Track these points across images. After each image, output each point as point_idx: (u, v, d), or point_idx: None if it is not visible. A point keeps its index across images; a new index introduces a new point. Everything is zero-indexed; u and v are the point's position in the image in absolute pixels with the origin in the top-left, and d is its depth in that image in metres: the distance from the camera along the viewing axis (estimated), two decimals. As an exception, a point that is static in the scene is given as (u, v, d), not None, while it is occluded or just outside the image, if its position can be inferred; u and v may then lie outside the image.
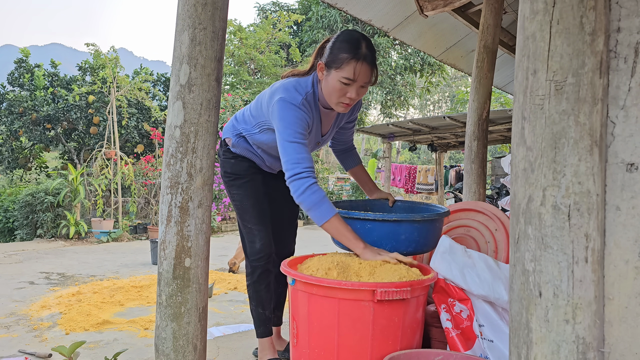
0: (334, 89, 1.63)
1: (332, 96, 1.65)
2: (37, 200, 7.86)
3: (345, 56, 1.58)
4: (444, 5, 3.14)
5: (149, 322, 3.35)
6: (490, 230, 1.88)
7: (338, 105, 1.68)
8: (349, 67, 1.58)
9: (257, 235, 1.95)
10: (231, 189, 2.01)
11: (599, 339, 0.88)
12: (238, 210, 2.01)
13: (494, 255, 1.81)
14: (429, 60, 14.58)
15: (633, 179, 0.88)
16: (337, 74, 1.60)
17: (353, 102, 1.67)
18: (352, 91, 1.62)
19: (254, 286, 1.99)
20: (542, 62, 0.90)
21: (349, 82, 1.60)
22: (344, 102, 1.66)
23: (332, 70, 1.61)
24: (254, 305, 2.00)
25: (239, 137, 1.96)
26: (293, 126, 1.61)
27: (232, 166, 2.00)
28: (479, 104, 3.12)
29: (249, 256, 1.99)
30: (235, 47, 13.67)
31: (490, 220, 1.90)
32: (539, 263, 0.89)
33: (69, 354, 1.74)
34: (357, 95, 1.64)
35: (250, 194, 1.97)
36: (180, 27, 1.37)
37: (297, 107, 1.64)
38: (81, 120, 11.51)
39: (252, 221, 1.96)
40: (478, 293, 1.47)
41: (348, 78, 1.59)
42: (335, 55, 1.61)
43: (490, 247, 1.86)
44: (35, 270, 5.34)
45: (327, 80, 1.65)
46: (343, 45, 1.61)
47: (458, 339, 1.50)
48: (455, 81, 29.37)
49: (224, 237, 8.86)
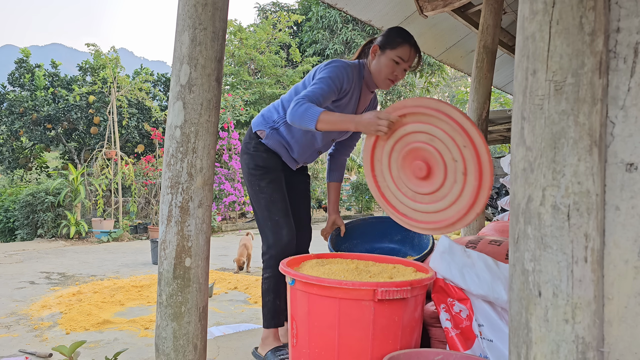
0: (386, 66, 1.89)
1: (382, 73, 1.90)
2: (38, 200, 7.87)
3: (400, 40, 1.88)
4: (444, 5, 3.14)
5: (149, 321, 3.35)
6: (458, 146, 1.49)
7: (384, 82, 1.92)
8: (404, 48, 1.87)
9: (285, 227, 1.98)
10: (260, 182, 2.03)
11: (599, 338, 0.88)
12: (265, 203, 2.02)
13: (463, 179, 1.49)
14: (429, 60, 14.56)
15: (632, 179, 0.88)
16: (391, 52, 1.87)
17: (397, 81, 1.93)
18: (399, 70, 1.90)
19: (276, 279, 1.97)
20: (542, 62, 0.90)
21: (400, 61, 1.87)
22: (390, 79, 1.92)
23: (387, 50, 1.88)
24: (272, 297, 1.99)
25: (272, 129, 2.04)
26: (332, 77, 1.82)
27: (265, 160, 2.04)
28: (478, 104, 3.12)
29: (274, 248, 1.97)
30: (236, 48, 13.67)
31: (457, 133, 1.49)
32: (539, 263, 0.89)
33: (69, 353, 1.74)
34: (401, 75, 1.91)
35: (280, 187, 2.05)
36: (181, 27, 1.38)
37: (345, 68, 1.87)
38: (82, 120, 11.51)
39: (279, 213, 2.00)
40: (477, 293, 1.48)
41: (401, 57, 1.87)
42: (392, 38, 1.88)
43: (458, 167, 1.50)
44: (36, 270, 5.34)
45: (380, 60, 1.90)
46: (398, 32, 1.91)
47: (457, 339, 1.50)
48: (455, 81, 29.36)
49: (224, 237, 8.86)
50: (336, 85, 1.84)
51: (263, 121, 2.07)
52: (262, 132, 2.04)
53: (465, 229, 3.17)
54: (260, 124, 2.06)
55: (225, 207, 9.75)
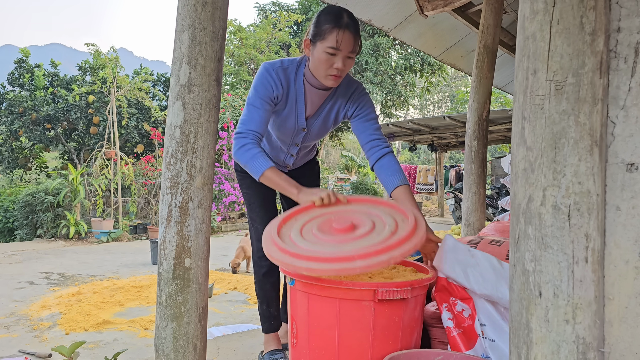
0: (320, 61, 1.63)
1: (320, 69, 1.65)
2: (37, 200, 7.86)
3: (327, 27, 1.59)
4: (444, 5, 3.14)
5: (148, 322, 3.35)
6: (395, 220, 1.47)
7: (327, 79, 1.66)
8: (332, 36, 1.58)
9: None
10: (242, 187, 2.03)
11: (599, 339, 0.88)
12: (247, 208, 2.04)
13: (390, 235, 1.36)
14: (429, 60, 14.58)
15: (633, 179, 0.88)
16: (321, 45, 1.61)
17: (341, 73, 1.65)
18: (339, 61, 1.61)
19: (260, 284, 2.01)
20: (542, 62, 0.90)
21: (334, 51, 1.59)
22: (332, 74, 1.64)
23: (317, 43, 1.62)
24: (260, 302, 2.04)
25: None
26: (257, 88, 1.69)
27: None
28: (479, 104, 3.12)
29: (255, 254, 2.01)
30: (235, 47, 13.66)
31: (399, 214, 1.51)
32: (539, 263, 0.89)
33: (69, 354, 1.74)
34: (343, 65, 1.62)
35: (258, 193, 1.98)
36: (180, 27, 1.37)
37: (269, 72, 1.70)
38: (81, 120, 11.51)
39: (257, 220, 1.98)
40: (481, 292, 1.47)
41: (332, 47, 1.59)
42: (319, 28, 1.62)
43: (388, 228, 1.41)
44: (35, 270, 5.34)
45: (314, 55, 1.65)
46: (325, 17, 1.62)
47: (459, 338, 1.50)
48: (455, 81, 29.37)
49: (224, 237, 8.85)
50: (267, 96, 1.68)
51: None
52: None
53: (465, 229, 3.16)
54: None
55: (225, 207, 9.75)
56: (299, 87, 1.76)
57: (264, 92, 1.68)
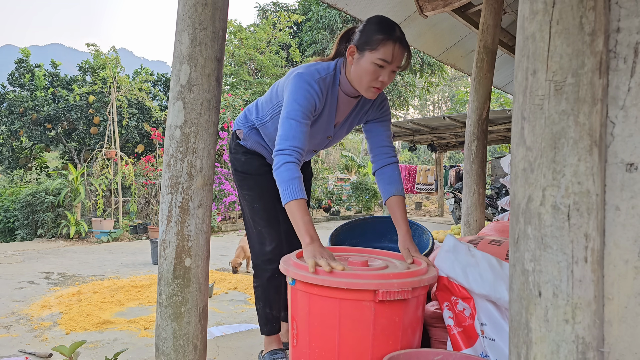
0: (366, 72, 1.55)
1: (363, 80, 1.57)
2: (38, 200, 7.87)
3: (380, 37, 1.52)
4: (444, 5, 3.14)
5: (149, 321, 3.35)
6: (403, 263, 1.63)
7: (368, 90, 1.59)
8: (386, 48, 1.51)
9: (267, 238, 1.90)
10: (242, 189, 1.96)
11: (599, 338, 0.88)
12: (248, 210, 1.94)
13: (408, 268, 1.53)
14: (429, 60, 14.59)
15: (633, 179, 0.88)
16: (371, 55, 1.53)
17: (383, 87, 1.59)
18: (385, 74, 1.55)
19: (262, 288, 1.94)
20: (542, 62, 0.90)
21: (384, 64, 1.53)
22: (375, 86, 1.58)
23: (366, 52, 1.54)
24: (261, 305, 1.96)
25: (250, 128, 1.90)
26: (300, 102, 1.55)
27: (243, 164, 1.94)
28: (478, 104, 3.12)
29: (258, 257, 1.94)
30: (236, 48, 13.67)
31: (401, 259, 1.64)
32: (539, 263, 0.89)
33: (69, 353, 1.74)
34: (388, 79, 1.56)
35: (261, 195, 1.91)
36: (181, 27, 1.38)
37: (311, 85, 1.57)
38: (81, 120, 11.52)
39: (261, 223, 1.91)
40: (480, 292, 1.48)
41: (384, 60, 1.52)
42: (370, 36, 1.54)
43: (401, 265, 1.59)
44: (36, 270, 5.34)
45: (359, 63, 1.56)
46: (377, 27, 1.55)
47: (460, 337, 1.51)
48: (455, 81, 29.38)
49: (224, 237, 8.86)
50: (310, 110, 1.57)
51: (244, 119, 1.93)
52: (240, 132, 1.94)
53: (465, 228, 3.17)
54: (240, 122, 1.95)
55: (225, 207, 9.75)
56: (333, 97, 1.68)
57: (308, 106, 1.56)
